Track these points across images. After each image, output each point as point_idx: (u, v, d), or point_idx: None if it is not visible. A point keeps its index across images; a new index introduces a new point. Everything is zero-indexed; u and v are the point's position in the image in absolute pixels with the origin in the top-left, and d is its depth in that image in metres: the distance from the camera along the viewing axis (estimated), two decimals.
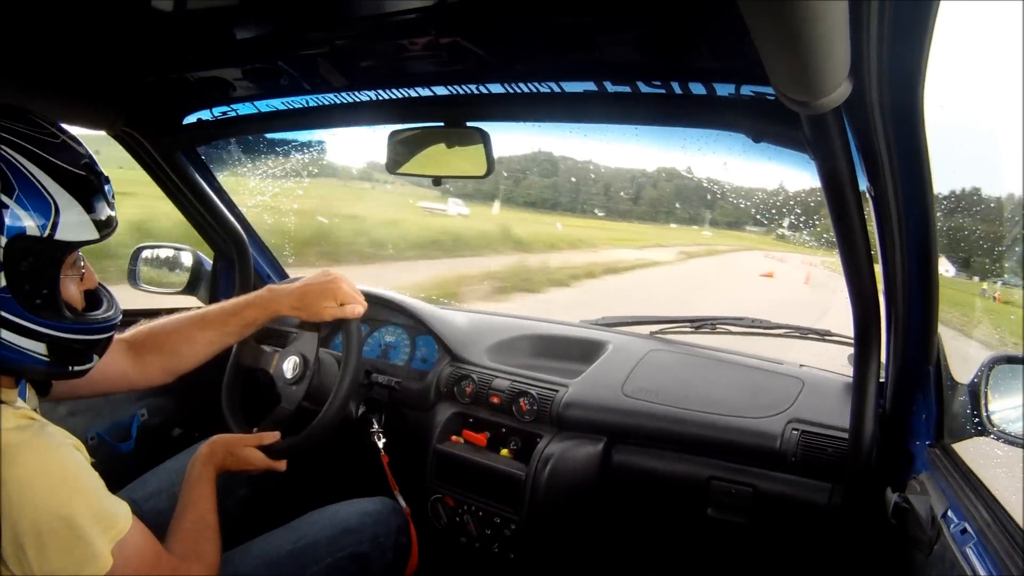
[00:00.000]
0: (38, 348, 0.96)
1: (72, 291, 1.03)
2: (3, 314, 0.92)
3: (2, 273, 0.91)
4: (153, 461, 1.64)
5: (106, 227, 1.01)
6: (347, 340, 1.57)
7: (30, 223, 0.91)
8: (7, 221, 0.89)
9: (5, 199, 0.89)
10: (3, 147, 0.91)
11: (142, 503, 1.52)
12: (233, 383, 1.70)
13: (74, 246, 0.97)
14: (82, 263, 1.06)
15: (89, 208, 0.97)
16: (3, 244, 0.89)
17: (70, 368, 1.04)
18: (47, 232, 0.92)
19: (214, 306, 1.54)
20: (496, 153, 1.54)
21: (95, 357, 1.08)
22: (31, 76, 1.47)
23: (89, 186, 0.98)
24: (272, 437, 1.47)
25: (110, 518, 0.95)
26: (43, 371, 1.01)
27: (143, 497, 1.53)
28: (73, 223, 0.95)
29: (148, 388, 1.51)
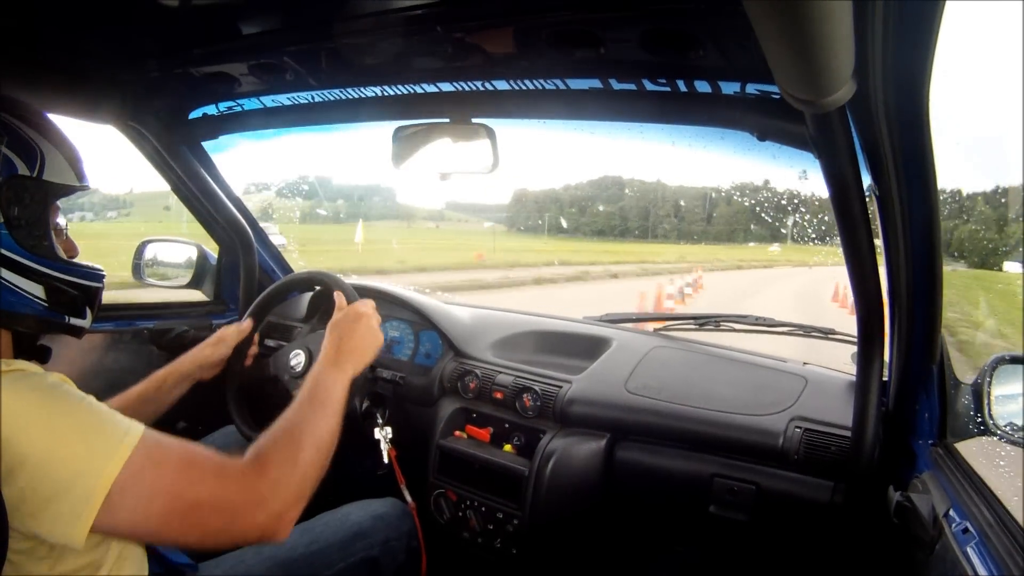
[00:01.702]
0: (36, 291, 1.01)
1: (58, 248, 1.07)
2: (3, 251, 0.97)
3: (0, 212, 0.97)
4: None
5: (84, 179, 1.09)
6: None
7: (21, 165, 0.98)
8: (2, 163, 0.96)
9: None
10: None
11: None
12: (238, 395, 1.71)
13: (60, 188, 1.04)
14: (64, 229, 1.10)
15: (69, 159, 1.05)
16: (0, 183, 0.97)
17: (67, 319, 1.07)
18: (36, 172, 1.00)
19: (143, 383, 1.57)
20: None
21: (88, 312, 1.11)
22: (38, 69, 1.48)
23: (67, 143, 1.06)
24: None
25: (116, 436, 0.91)
26: (43, 318, 1.03)
27: None
28: (57, 167, 1.03)
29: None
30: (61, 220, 1.09)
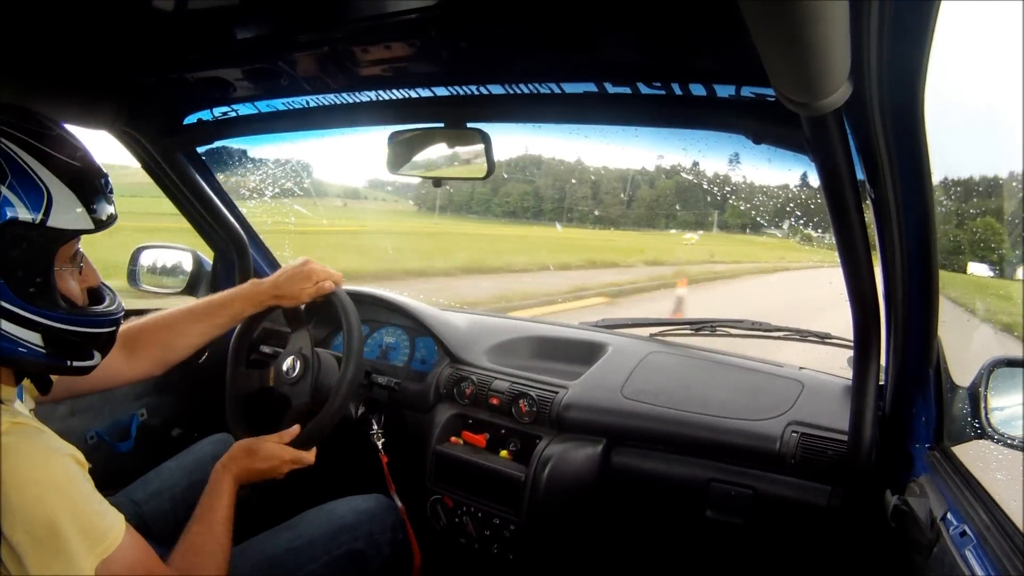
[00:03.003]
0: (34, 338, 0.96)
1: (71, 286, 1.03)
2: None
3: None
4: (152, 461, 1.64)
5: (102, 219, 1.01)
6: (342, 310, 1.59)
7: (22, 209, 0.91)
8: None
9: None
10: None
11: (143, 504, 1.52)
12: (236, 409, 1.69)
13: (67, 234, 0.98)
14: (81, 259, 1.06)
15: (84, 198, 0.98)
16: None
17: (69, 363, 1.03)
18: (39, 219, 0.92)
19: (202, 300, 1.59)
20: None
21: (96, 354, 1.08)
22: (32, 75, 1.47)
23: (84, 177, 0.98)
24: (291, 434, 1.46)
25: (98, 534, 0.94)
26: (42, 364, 1.00)
27: (144, 498, 1.53)
28: (67, 212, 0.95)
29: (142, 380, 1.54)
30: (80, 248, 1.05)
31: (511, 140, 1.94)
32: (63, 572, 0.89)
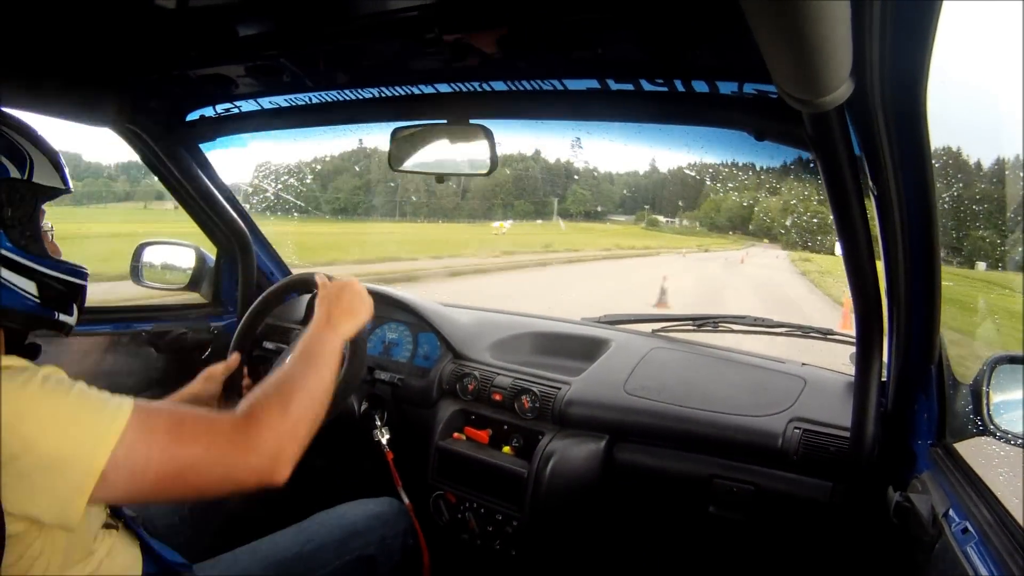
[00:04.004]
0: (30, 287, 1.04)
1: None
2: (2, 252, 1.00)
3: None
4: None
5: (67, 181, 1.12)
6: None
7: (12, 168, 1.01)
8: None
9: None
10: None
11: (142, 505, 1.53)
12: (234, 380, 1.70)
13: (47, 190, 1.07)
14: (51, 233, 1.14)
15: (54, 164, 1.09)
16: None
17: (56, 315, 1.09)
18: (26, 175, 1.03)
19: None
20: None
21: (74, 309, 1.14)
22: (35, 72, 1.48)
23: (52, 149, 1.09)
24: None
25: (97, 434, 0.91)
26: (33, 315, 1.06)
27: None
28: (45, 171, 1.06)
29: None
30: (47, 224, 1.12)
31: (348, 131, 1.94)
32: (64, 493, 0.88)
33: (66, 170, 1.12)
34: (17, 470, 0.87)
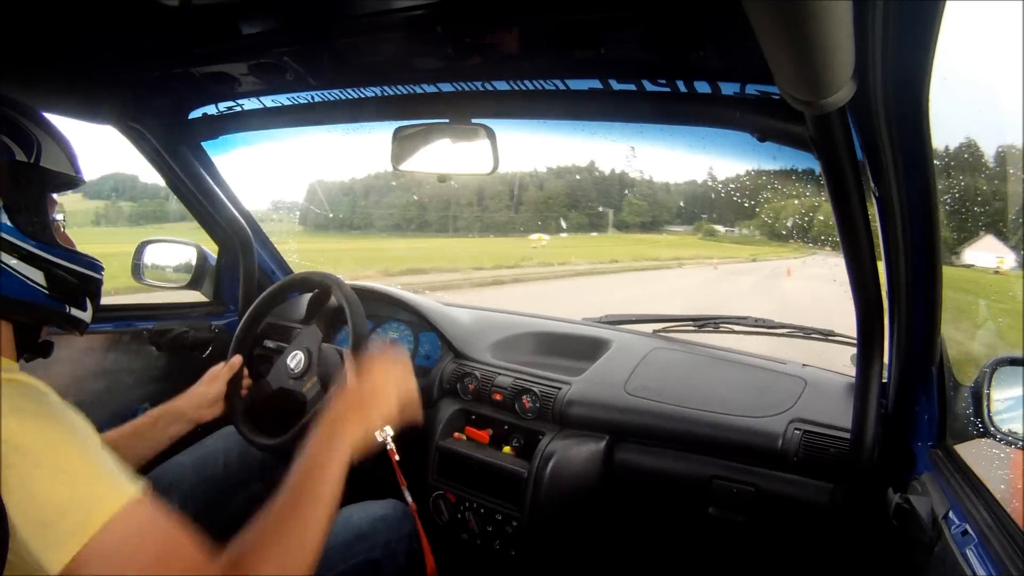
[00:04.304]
0: (37, 276, 1.01)
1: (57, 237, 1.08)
2: (3, 236, 0.97)
3: None
4: (157, 456, 1.65)
5: (79, 171, 1.09)
6: (343, 298, 1.60)
7: (18, 151, 0.99)
8: None
9: None
10: None
11: None
12: (243, 414, 1.70)
13: (57, 176, 1.05)
14: (62, 223, 1.11)
15: (64, 149, 1.06)
16: None
17: (68, 308, 1.07)
18: (33, 159, 1.00)
19: (139, 419, 1.54)
20: None
21: (88, 304, 1.11)
22: (38, 70, 1.48)
23: (62, 136, 1.07)
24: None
25: (87, 507, 0.84)
26: (43, 307, 1.03)
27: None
28: (53, 156, 1.04)
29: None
30: (59, 215, 1.10)
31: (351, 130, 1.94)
32: (43, 547, 0.81)
33: (78, 160, 1.09)
34: (15, 497, 0.82)
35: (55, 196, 1.08)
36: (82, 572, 0.80)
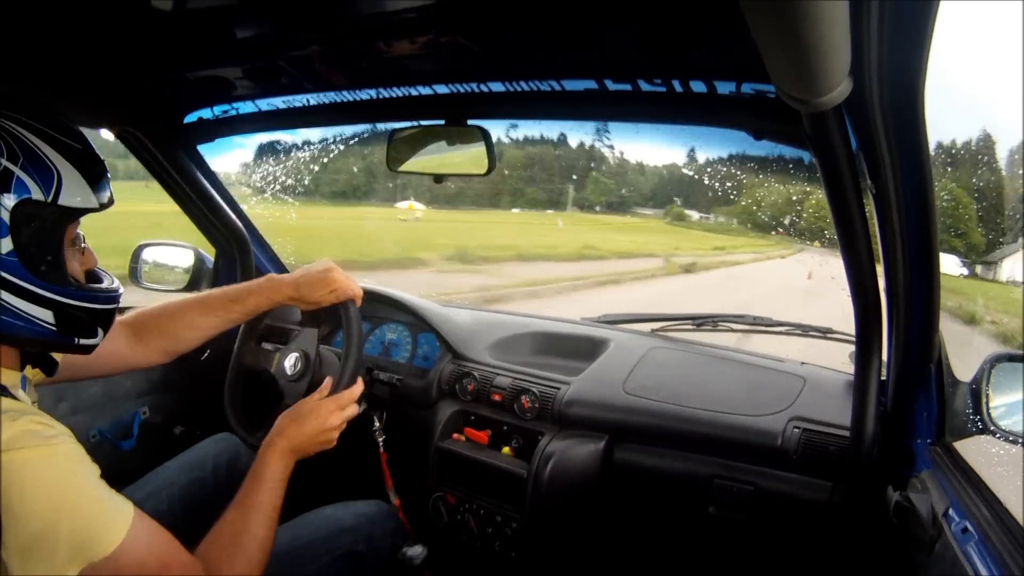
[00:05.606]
0: (45, 316, 0.99)
1: (74, 267, 1.06)
2: (11, 278, 0.95)
3: (9, 237, 0.94)
4: (155, 459, 1.64)
5: (104, 200, 1.05)
6: (347, 322, 1.58)
7: (35, 189, 0.95)
8: (13, 186, 0.93)
9: (10, 166, 0.93)
10: (7, 123, 0.95)
11: (141, 504, 1.51)
12: (235, 384, 1.70)
13: (76, 212, 1.01)
14: (83, 242, 1.09)
15: (89, 179, 1.02)
16: (10, 208, 0.93)
17: (76, 340, 1.06)
18: (51, 197, 0.96)
19: (215, 291, 1.55)
20: None
21: (100, 332, 1.10)
22: (32, 75, 1.47)
23: (88, 159, 1.03)
24: (324, 390, 1.45)
25: (89, 536, 0.92)
26: (51, 342, 1.03)
27: (142, 498, 1.53)
28: (74, 190, 0.99)
29: (144, 368, 1.52)
30: (80, 232, 1.07)
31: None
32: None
33: (105, 181, 1.05)
34: (10, 534, 0.86)
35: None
36: None
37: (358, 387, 1.46)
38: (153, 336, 1.48)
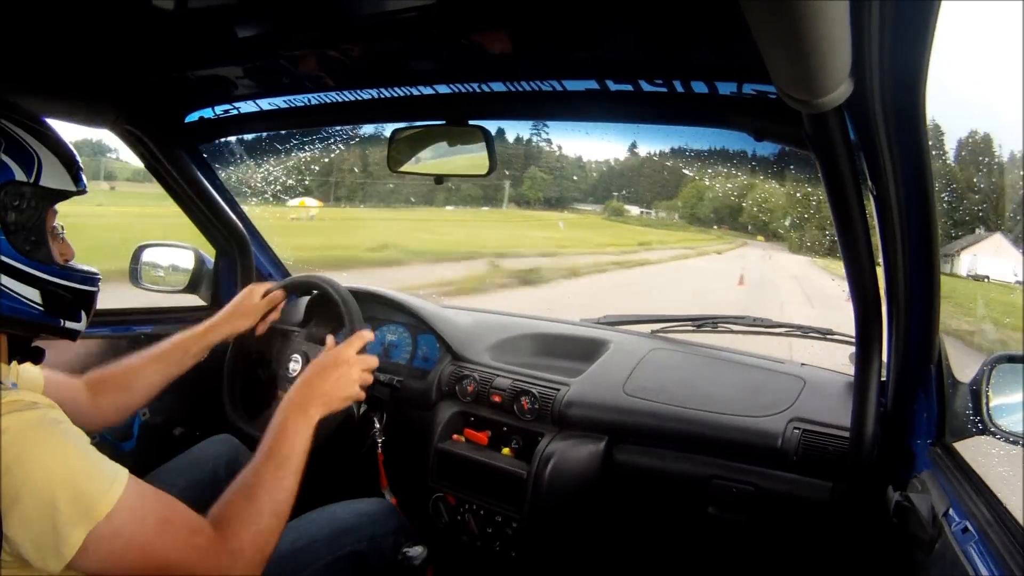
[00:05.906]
0: (32, 295, 1.04)
1: (55, 252, 1.10)
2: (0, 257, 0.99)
3: None
4: (155, 460, 1.64)
5: (81, 184, 1.11)
6: (323, 286, 1.62)
7: (18, 171, 1.00)
8: None
9: None
10: None
11: None
12: (234, 372, 1.70)
13: (56, 194, 1.06)
14: (62, 232, 1.13)
15: (67, 165, 1.08)
16: None
17: (62, 322, 1.09)
18: (33, 178, 1.02)
19: (167, 343, 1.63)
20: None
21: (83, 315, 1.14)
22: (34, 75, 1.47)
23: (65, 149, 1.08)
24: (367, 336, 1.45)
25: (88, 502, 0.91)
26: (37, 323, 1.06)
27: None
28: (54, 173, 1.05)
29: (101, 429, 1.58)
30: (58, 223, 1.11)
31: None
32: (50, 543, 0.88)
33: (79, 170, 1.11)
34: (11, 509, 0.87)
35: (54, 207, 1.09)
36: (91, 555, 0.89)
37: (368, 333, 1.46)
38: (106, 392, 1.52)
